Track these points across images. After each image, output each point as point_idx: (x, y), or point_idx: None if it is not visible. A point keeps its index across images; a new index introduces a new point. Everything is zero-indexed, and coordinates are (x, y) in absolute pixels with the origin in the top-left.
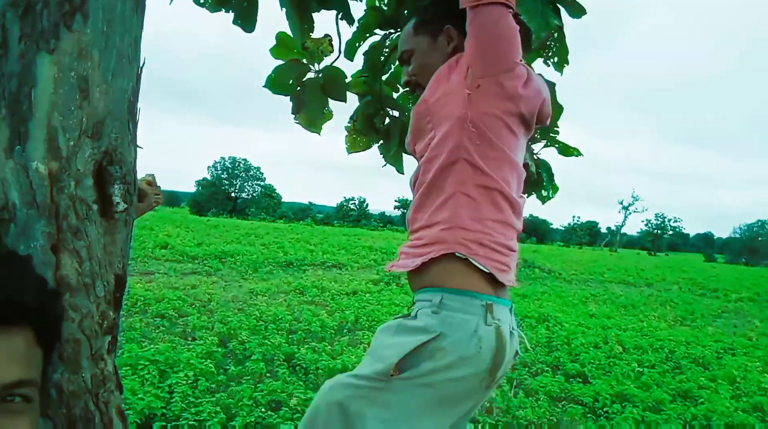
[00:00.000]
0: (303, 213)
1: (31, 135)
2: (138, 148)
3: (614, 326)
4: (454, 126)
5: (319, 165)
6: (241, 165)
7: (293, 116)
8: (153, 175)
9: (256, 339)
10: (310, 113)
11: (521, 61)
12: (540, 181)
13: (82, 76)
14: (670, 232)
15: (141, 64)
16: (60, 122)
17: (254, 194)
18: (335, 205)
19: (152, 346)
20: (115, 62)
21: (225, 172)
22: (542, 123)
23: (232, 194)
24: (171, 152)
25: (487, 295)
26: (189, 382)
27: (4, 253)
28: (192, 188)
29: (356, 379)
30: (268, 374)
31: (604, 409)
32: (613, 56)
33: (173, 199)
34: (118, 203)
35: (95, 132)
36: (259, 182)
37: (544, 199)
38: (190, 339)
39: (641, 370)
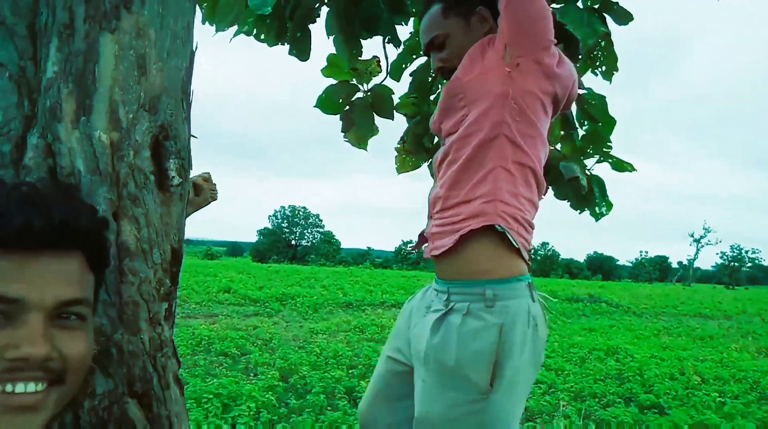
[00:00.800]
0: (362, 258)
1: (95, 107)
2: (193, 137)
3: (690, 357)
4: (495, 102)
5: (377, 211)
6: (301, 213)
7: (342, 134)
8: (209, 173)
9: (317, 374)
10: (360, 131)
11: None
12: (592, 197)
13: (140, 54)
14: (749, 265)
15: (194, 48)
16: (120, 96)
17: (314, 241)
18: (394, 250)
19: (216, 380)
20: (170, 42)
21: (285, 221)
22: (568, 107)
23: (293, 242)
24: (232, 205)
25: (525, 275)
26: (251, 414)
27: (56, 182)
28: (254, 239)
29: (456, 410)
30: (328, 407)
31: None
32: (675, 83)
33: (236, 249)
34: (173, 177)
35: (152, 106)
36: (318, 229)
37: (597, 216)
38: (252, 375)
39: (723, 400)
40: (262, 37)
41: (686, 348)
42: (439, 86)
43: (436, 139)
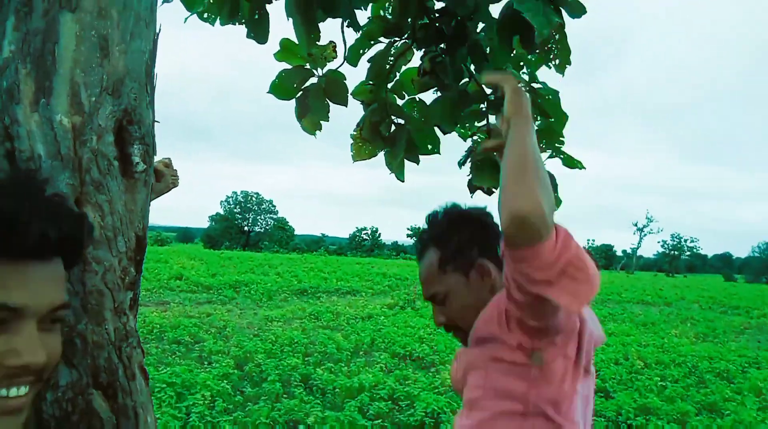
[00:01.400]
0: (316, 244)
1: (55, 90)
2: (156, 122)
3: (634, 343)
4: (514, 405)
5: (331, 198)
6: (254, 199)
7: (298, 121)
8: (170, 158)
9: (273, 362)
10: (315, 117)
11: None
12: None
13: (102, 35)
14: (688, 254)
15: (157, 30)
16: (82, 78)
17: (267, 227)
18: (348, 236)
19: (169, 369)
20: (132, 23)
21: (238, 207)
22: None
23: (245, 228)
24: (184, 190)
25: None
26: (206, 402)
27: (54, 193)
28: (205, 225)
29: None
30: (284, 395)
31: (628, 422)
32: (621, 76)
33: (187, 235)
34: (137, 163)
35: (115, 90)
36: (271, 215)
37: None
38: (206, 363)
39: (664, 384)
40: (206, 16)
41: (630, 334)
42: (397, 74)
43: (393, 128)
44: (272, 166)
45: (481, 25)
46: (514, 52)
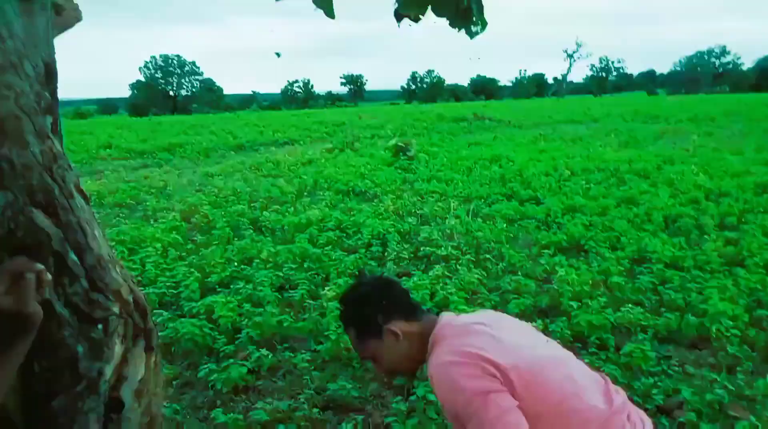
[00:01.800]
0: (248, 102)
1: None
2: None
3: (563, 156)
4: None
5: (258, 54)
6: (175, 62)
7: None
8: None
9: (219, 211)
10: None
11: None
12: (469, 13)
13: None
14: (615, 74)
15: None
16: None
17: (194, 90)
18: (280, 91)
19: (116, 229)
20: None
21: (159, 72)
22: None
23: (171, 93)
24: (98, 61)
25: None
26: (159, 253)
27: None
28: (127, 94)
29: None
30: (235, 238)
31: (556, 221)
32: None
33: (109, 106)
34: None
35: None
36: (196, 77)
37: (472, 34)
38: (152, 220)
39: (588, 186)
40: None
41: (559, 149)
42: None
43: None
44: (190, 26)
45: None
46: None
